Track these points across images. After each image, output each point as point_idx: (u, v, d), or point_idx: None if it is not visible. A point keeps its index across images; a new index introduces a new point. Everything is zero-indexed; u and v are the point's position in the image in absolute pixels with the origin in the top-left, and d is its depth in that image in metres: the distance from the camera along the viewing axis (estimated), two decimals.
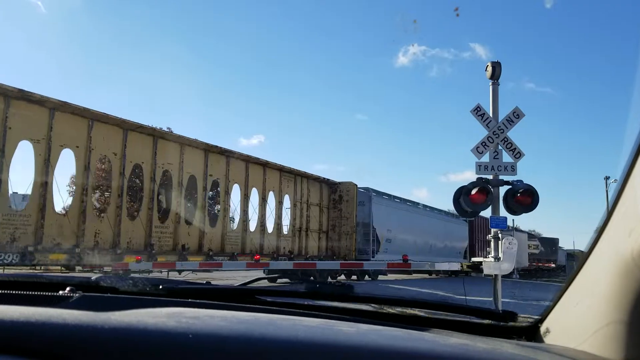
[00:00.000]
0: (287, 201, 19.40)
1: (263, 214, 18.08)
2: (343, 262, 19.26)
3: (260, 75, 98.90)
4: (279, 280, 17.41)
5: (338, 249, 21.29)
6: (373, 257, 23.00)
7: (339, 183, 22.14)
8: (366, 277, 24.60)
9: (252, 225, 17.77)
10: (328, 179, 21.83)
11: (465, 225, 35.25)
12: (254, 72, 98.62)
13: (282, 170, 19.06)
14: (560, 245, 47.26)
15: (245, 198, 17.28)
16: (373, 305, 1.35)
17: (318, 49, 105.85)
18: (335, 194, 22.05)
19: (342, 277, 22.49)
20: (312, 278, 18.15)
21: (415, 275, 30.65)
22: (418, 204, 30.80)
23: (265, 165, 18.11)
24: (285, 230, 19.35)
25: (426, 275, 31.75)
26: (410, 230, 26.91)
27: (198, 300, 1.22)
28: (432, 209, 32.37)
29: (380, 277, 26.12)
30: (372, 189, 24.37)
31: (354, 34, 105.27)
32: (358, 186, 22.94)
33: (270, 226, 18.45)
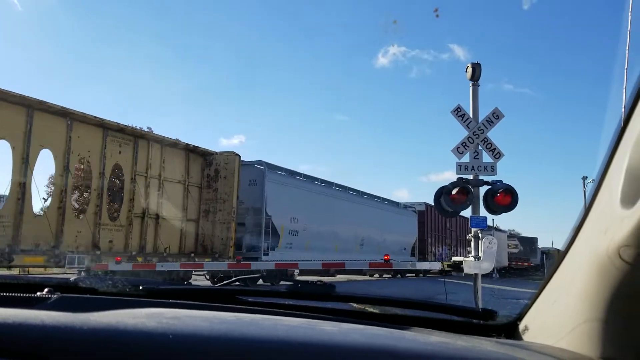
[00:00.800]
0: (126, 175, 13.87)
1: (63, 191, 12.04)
2: (208, 262, 14.82)
3: (241, 76, 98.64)
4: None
5: (211, 244, 15.84)
6: (266, 254, 16.85)
7: (215, 154, 16.38)
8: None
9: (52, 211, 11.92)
10: (198, 147, 16.02)
11: (413, 217, 30.84)
12: (234, 72, 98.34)
13: (109, 128, 13.28)
14: (539, 244, 47.89)
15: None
16: (354, 304, 1.36)
17: (299, 49, 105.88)
18: (210, 168, 16.22)
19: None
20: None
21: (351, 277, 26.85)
22: (342, 186, 23.45)
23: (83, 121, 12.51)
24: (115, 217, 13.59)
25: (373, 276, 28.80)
26: (329, 220, 20.70)
27: (178, 301, 1.22)
28: (365, 194, 25.70)
29: (360, 278, 25.85)
30: (266, 163, 17.85)
31: (334, 34, 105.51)
32: (249, 161, 17.28)
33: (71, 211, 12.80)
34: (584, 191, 41.22)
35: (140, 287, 1.28)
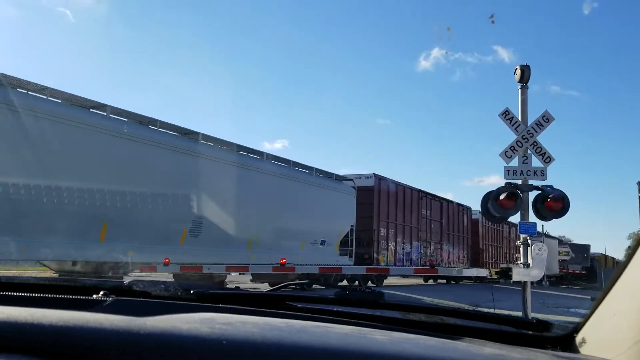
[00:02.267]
0: None
1: None
2: None
3: (285, 80, 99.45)
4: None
5: None
6: None
7: None
8: None
9: None
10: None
11: (349, 196, 18.99)
12: (278, 76, 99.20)
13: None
14: (591, 251, 46.12)
15: None
16: (402, 312, 1.34)
17: (342, 52, 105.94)
18: None
19: None
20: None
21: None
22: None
23: None
24: None
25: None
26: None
27: (229, 306, 1.23)
28: (254, 153, 15.04)
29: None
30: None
31: (377, 38, 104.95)
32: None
33: None
34: (639, 197, 39.53)
35: (192, 292, 1.31)
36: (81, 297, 1.18)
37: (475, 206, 29.78)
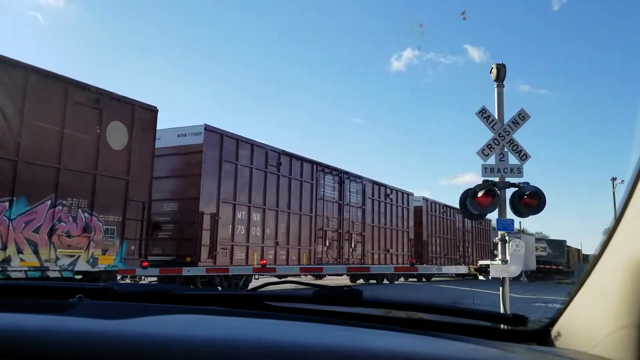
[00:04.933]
0: None
1: None
2: None
3: (261, 81, 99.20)
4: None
5: None
6: None
7: None
8: None
9: None
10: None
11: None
12: (255, 77, 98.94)
13: None
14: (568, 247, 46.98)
15: None
16: (381, 309, 1.34)
17: (315, 54, 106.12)
18: None
19: None
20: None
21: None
22: None
23: None
24: None
25: None
26: None
27: (206, 307, 1.22)
28: None
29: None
30: None
31: (349, 39, 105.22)
32: None
33: None
34: (614, 192, 40.41)
35: (168, 293, 1.29)
36: (55, 301, 1.16)
37: (454, 204, 29.39)
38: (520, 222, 36.48)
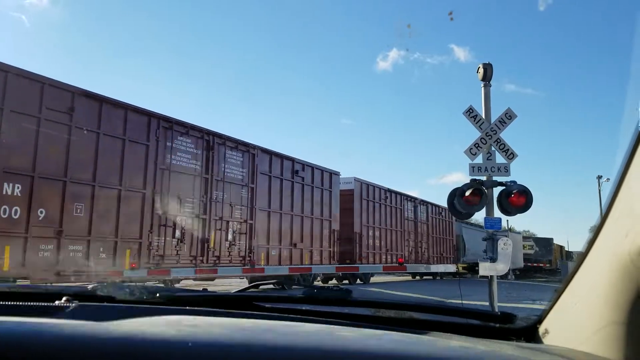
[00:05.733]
0: None
1: None
2: None
3: (245, 80, 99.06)
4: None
5: None
6: None
7: None
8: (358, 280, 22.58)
9: None
10: None
11: None
12: (242, 78, 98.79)
13: None
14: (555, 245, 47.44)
15: None
16: (371, 309, 1.35)
17: (303, 55, 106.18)
18: None
19: None
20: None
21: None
22: None
23: None
24: None
25: None
26: None
27: (196, 308, 1.22)
28: None
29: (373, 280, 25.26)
30: None
31: (337, 40, 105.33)
32: None
33: None
34: (599, 190, 40.79)
35: (158, 295, 1.29)
36: (43, 304, 1.15)
37: (442, 203, 28.76)
38: (507, 220, 36.13)
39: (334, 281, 22.13)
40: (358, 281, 23.29)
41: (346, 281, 22.76)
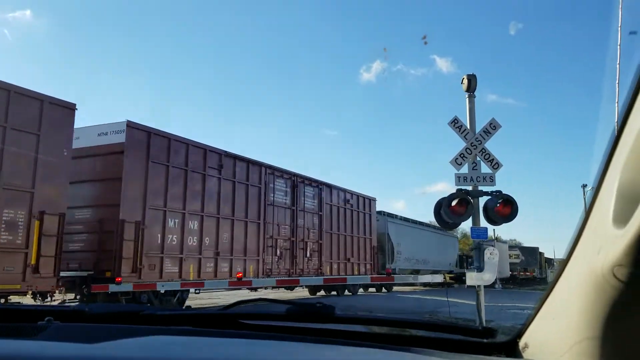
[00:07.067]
0: None
1: None
2: None
3: (231, 94, 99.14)
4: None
5: None
6: None
7: None
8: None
9: None
10: None
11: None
12: (224, 90, 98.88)
13: None
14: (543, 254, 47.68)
15: None
16: (353, 325, 1.35)
17: (285, 65, 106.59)
18: None
19: None
20: None
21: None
22: None
23: None
24: None
25: None
26: None
27: (178, 327, 1.22)
28: None
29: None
30: None
31: (322, 50, 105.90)
32: None
33: None
34: (584, 199, 41.16)
35: (140, 314, 1.28)
36: (23, 324, 1.15)
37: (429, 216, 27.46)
38: (494, 230, 35.25)
39: (321, 292, 23.43)
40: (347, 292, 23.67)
41: (334, 292, 23.29)
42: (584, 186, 41.70)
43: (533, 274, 43.41)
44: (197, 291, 14.96)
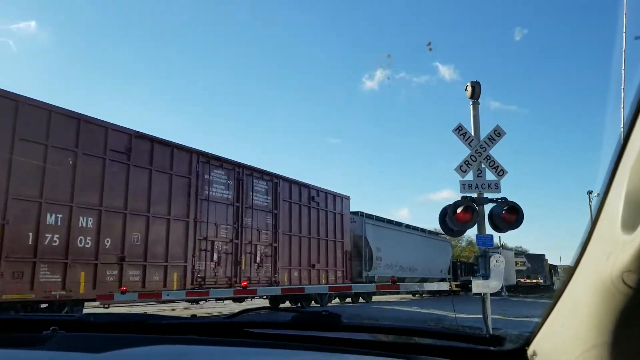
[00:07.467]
0: None
1: None
2: None
3: (234, 101, 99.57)
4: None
5: None
6: None
7: None
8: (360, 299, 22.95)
9: None
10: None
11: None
12: (228, 97, 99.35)
13: None
14: (548, 261, 47.46)
15: None
16: (358, 333, 1.34)
17: (288, 73, 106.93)
18: None
19: None
20: None
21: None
22: None
23: None
24: None
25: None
26: None
27: (183, 337, 1.21)
28: None
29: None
30: None
31: (326, 58, 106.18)
32: None
33: None
34: (590, 205, 41.01)
35: (145, 323, 1.28)
36: (28, 335, 1.14)
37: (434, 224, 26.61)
38: (499, 237, 34.30)
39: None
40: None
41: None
42: (590, 192, 41.61)
43: (540, 282, 43.18)
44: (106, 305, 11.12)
